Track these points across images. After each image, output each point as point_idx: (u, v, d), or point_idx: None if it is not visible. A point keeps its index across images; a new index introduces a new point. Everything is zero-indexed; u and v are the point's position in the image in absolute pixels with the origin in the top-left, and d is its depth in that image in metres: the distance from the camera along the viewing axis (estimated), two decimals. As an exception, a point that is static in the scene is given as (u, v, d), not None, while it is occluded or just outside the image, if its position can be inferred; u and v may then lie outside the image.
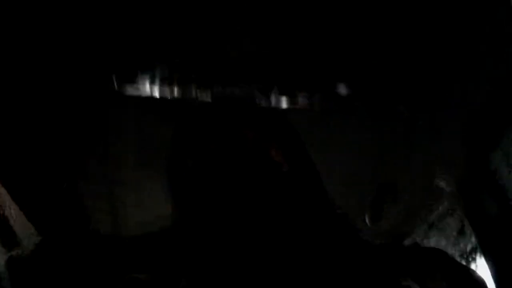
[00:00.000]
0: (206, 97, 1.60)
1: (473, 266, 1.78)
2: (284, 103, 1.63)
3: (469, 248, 1.78)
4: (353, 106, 1.70)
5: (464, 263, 1.78)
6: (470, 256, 1.77)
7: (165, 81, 1.68)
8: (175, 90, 1.62)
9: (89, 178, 1.87)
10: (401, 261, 0.94)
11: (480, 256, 1.76)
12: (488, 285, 0.96)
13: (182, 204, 1.10)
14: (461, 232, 1.84)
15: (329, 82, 1.67)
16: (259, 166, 1.05)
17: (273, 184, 1.02)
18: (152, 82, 1.69)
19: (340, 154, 1.76)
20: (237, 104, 1.50)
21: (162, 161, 1.26)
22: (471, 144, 1.76)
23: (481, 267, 1.72)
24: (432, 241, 1.89)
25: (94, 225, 1.94)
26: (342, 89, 1.67)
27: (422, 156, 1.83)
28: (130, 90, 1.63)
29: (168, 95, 1.63)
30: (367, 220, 1.85)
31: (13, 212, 1.64)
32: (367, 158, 1.81)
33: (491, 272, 1.69)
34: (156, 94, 1.64)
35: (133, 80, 1.63)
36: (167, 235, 1.04)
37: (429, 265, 0.93)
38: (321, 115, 1.70)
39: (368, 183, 1.87)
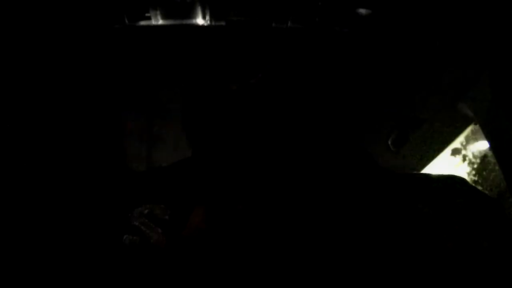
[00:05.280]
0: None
1: (497, 195, 1.77)
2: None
3: (492, 176, 1.76)
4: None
5: (487, 192, 1.76)
6: (494, 184, 1.76)
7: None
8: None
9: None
10: (421, 188, 0.93)
11: (504, 184, 1.74)
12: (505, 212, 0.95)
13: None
14: (484, 159, 1.82)
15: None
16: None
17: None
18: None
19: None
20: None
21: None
22: (494, 69, 1.71)
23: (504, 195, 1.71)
24: (455, 167, 1.88)
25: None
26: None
27: (447, 82, 1.78)
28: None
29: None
30: (390, 145, 1.83)
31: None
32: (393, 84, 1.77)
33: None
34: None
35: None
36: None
37: (448, 191, 0.92)
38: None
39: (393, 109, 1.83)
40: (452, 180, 0.98)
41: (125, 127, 1.86)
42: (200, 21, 1.39)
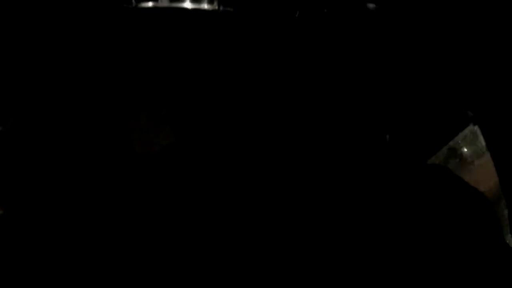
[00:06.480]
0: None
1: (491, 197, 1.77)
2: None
3: (486, 177, 1.77)
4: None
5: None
6: (487, 186, 1.76)
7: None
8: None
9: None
10: (407, 179, 0.94)
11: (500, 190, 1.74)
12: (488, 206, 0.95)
13: None
14: (480, 160, 1.83)
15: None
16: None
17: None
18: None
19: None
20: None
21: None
22: (496, 70, 1.71)
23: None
24: (451, 166, 1.88)
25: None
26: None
27: (446, 80, 1.78)
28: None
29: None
30: (388, 140, 1.83)
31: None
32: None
33: (507, 201, 1.68)
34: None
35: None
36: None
37: (434, 183, 0.93)
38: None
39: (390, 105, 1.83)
40: (440, 171, 1.00)
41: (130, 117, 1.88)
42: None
